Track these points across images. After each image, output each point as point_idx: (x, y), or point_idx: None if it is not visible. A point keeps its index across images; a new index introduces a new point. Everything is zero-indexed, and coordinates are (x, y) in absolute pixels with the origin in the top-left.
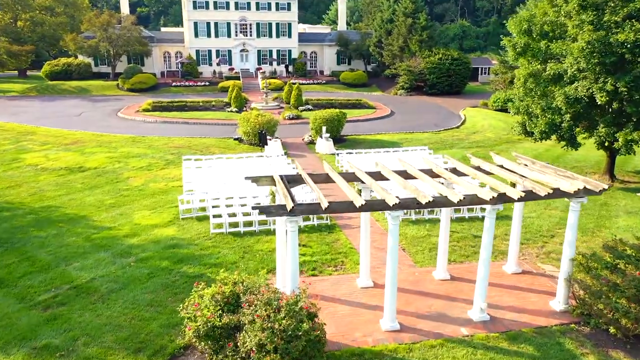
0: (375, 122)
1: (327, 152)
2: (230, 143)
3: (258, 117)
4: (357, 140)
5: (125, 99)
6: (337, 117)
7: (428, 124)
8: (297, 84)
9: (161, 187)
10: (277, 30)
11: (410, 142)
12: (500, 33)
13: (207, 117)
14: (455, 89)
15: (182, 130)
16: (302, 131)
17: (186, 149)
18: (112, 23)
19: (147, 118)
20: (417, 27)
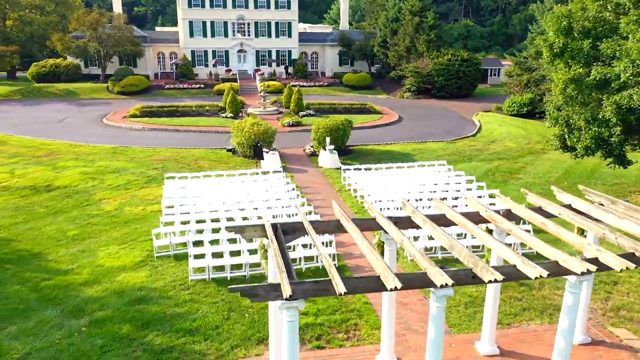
0: (383, 130)
1: (331, 166)
2: (222, 155)
3: (253, 127)
4: (364, 151)
5: (114, 103)
6: (342, 126)
7: (440, 131)
8: (297, 87)
9: (137, 212)
10: (277, 30)
11: (423, 153)
12: (505, 33)
13: (200, 123)
14: (464, 91)
15: (170, 139)
16: (302, 140)
17: (172, 163)
18: (102, 22)
19: (134, 125)
20: (424, 26)
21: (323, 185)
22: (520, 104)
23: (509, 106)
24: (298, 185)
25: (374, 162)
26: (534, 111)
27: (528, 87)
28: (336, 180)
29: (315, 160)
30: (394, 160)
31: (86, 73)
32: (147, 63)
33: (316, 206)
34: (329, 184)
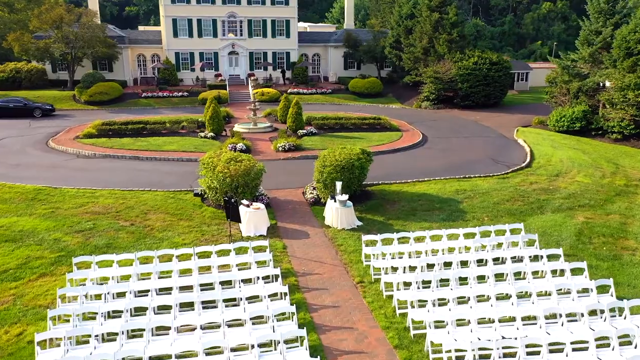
0: (407, 155)
1: (344, 226)
2: (187, 203)
3: (229, 165)
4: (388, 195)
5: (77, 116)
6: (358, 162)
7: (481, 157)
8: (295, 99)
9: (5, 342)
10: (273, 29)
11: (472, 198)
12: (516, 33)
13: (169, 147)
14: (493, 100)
15: (123, 173)
16: (302, 174)
17: (109, 220)
18: (68, 19)
19: (84, 149)
20: (445, 24)
21: (333, 270)
22: (572, 118)
23: (557, 121)
24: (292, 270)
25: (407, 216)
26: (589, 127)
27: (577, 97)
28: (353, 256)
29: (320, 214)
30: (434, 210)
31: (54, 79)
32: (125, 67)
33: (327, 328)
34: (342, 266)
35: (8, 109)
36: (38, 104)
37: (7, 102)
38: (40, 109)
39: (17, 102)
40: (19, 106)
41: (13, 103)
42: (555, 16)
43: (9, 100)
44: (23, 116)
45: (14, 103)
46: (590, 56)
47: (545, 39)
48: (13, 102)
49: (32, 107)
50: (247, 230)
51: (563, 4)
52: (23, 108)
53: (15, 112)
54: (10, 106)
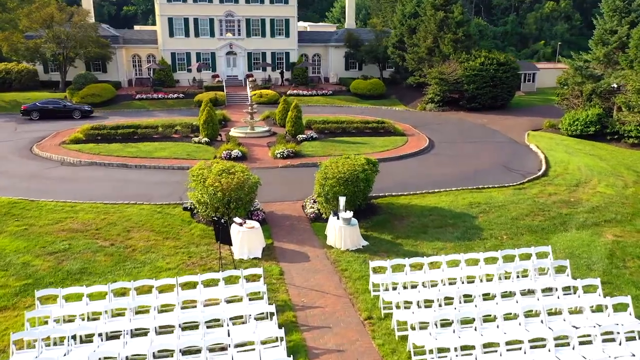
0: (414, 162)
1: (348, 246)
2: (175, 218)
3: (221, 177)
4: (396, 209)
5: (67, 119)
6: (363, 174)
7: (493, 165)
8: (295, 102)
9: None
10: (272, 29)
11: (488, 212)
12: (519, 33)
13: (160, 154)
14: (500, 102)
15: (110, 183)
16: (301, 183)
17: (87, 239)
18: (59, 19)
19: (69, 156)
20: (450, 23)
21: (337, 303)
22: (586, 122)
23: (570, 124)
24: (290, 303)
25: (417, 233)
26: (604, 131)
27: (590, 100)
28: (360, 284)
29: (321, 231)
30: (447, 227)
31: (45, 80)
32: (119, 68)
33: None
34: (347, 297)
35: (47, 110)
36: (77, 106)
37: (47, 103)
38: (79, 110)
39: (57, 103)
40: (58, 108)
41: (52, 105)
42: (559, 16)
43: (48, 102)
44: (62, 118)
45: (53, 105)
46: (605, 56)
47: (548, 39)
48: (52, 104)
49: (72, 109)
50: (239, 252)
51: (566, 4)
52: (62, 109)
53: (54, 113)
54: (49, 108)
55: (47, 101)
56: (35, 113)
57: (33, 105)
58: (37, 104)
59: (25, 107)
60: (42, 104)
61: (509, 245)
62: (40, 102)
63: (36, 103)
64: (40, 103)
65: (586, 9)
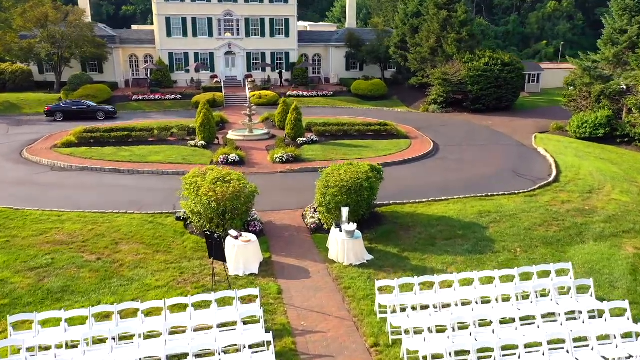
0: (418, 167)
1: (352, 261)
2: (167, 230)
3: (216, 186)
4: (401, 218)
5: (61, 121)
6: (367, 183)
7: (501, 170)
8: (294, 104)
9: None
10: (272, 28)
11: (499, 222)
12: (520, 32)
13: (154, 158)
14: (505, 103)
15: (100, 189)
16: (301, 189)
17: (72, 253)
18: (54, 18)
19: (60, 161)
20: (453, 22)
21: (340, 326)
22: (595, 124)
23: (579, 127)
24: (289, 327)
25: (425, 246)
26: (614, 134)
27: (599, 101)
28: (365, 305)
29: (323, 244)
30: (456, 239)
31: (41, 81)
32: (116, 68)
33: None
34: (351, 320)
35: (72, 111)
36: (101, 107)
37: (71, 104)
38: (103, 111)
39: (81, 104)
40: (82, 109)
41: (76, 106)
42: (561, 15)
43: (72, 103)
44: (86, 119)
45: (78, 106)
46: (615, 57)
47: (550, 39)
48: (76, 105)
49: (95, 110)
50: (235, 268)
51: (568, 3)
52: (86, 110)
53: (78, 114)
54: (73, 109)
55: (71, 102)
56: (59, 114)
57: (57, 106)
58: (61, 105)
59: (48, 108)
60: (66, 105)
61: (524, 259)
62: (64, 103)
63: (60, 104)
64: (64, 104)
65: (588, 9)
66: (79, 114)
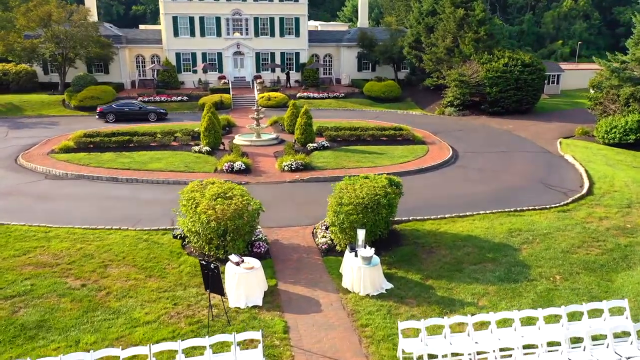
0: (437, 177)
1: (368, 291)
2: (162, 250)
3: (215, 203)
4: (422, 236)
5: (63, 124)
6: (385, 199)
7: (528, 180)
8: (305, 108)
9: None
10: (281, 28)
11: (531, 241)
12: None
13: (155, 165)
14: (524, 106)
15: (94, 201)
16: (312, 202)
17: (52, 280)
18: (58, 17)
19: (56, 168)
20: (471, 21)
21: None
22: (625, 129)
23: (607, 132)
24: None
25: (451, 272)
26: None
27: (628, 105)
28: (385, 349)
29: (335, 268)
30: (486, 263)
31: (45, 81)
32: (122, 69)
33: None
34: None
35: (124, 113)
36: (152, 108)
37: (123, 105)
38: (155, 112)
39: (133, 105)
40: (134, 110)
41: (128, 107)
42: (577, 14)
43: (124, 104)
44: (138, 120)
45: (129, 107)
46: None
47: (566, 39)
48: (128, 106)
49: (147, 111)
50: (235, 299)
51: (585, 2)
52: (138, 112)
53: (130, 115)
54: (125, 110)
55: (123, 103)
56: (111, 115)
57: (109, 108)
58: (113, 106)
59: (101, 109)
60: (118, 106)
61: (565, 289)
62: (116, 104)
63: (112, 105)
64: (116, 105)
65: (605, 8)
66: (131, 115)
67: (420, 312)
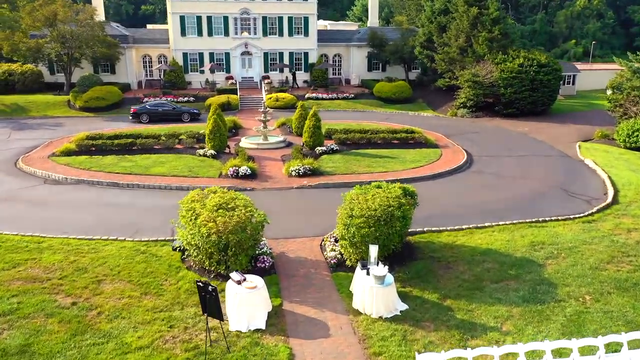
0: (451, 183)
1: (382, 313)
2: (160, 264)
3: (217, 215)
4: (437, 249)
5: (67, 125)
6: (399, 211)
7: (549, 187)
8: (313, 110)
9: None
10: (290, 27)
11: (555, 256)
12: (547, 32)
13: (158, 170)
14: (540, 107)
15: (93, 208)
16: (320, 210)
17: (41, 297)
18: (63, 17)
19: (55, 172)
20: (484, 20)
21: None
22: None
23: (629, 135)
24: None
25: (470, 291)
26: None
27: None
28: None
29: (345, 285)
30: (508, 281)
31: (51, 82)
32: (128, 69)
33: None
34: None
35: (158, 113)
36: (186, 109)
37: (156, 106)
38: (188, 113)
39: (166, 106)
40: (167, 110)
41: (162, 107)
42: (590, 14)
43: (158, 105)
44: (171, 120)
45: (163, 107)
46: None
47: (579, 38)
48: (162, 107)
49: (181, 112)
50: (236, 321)
51: (599, 1)
52: (172, 112)
53: (164, 116)
54: (159, 110)
55: (157, 104)
56: (145, 116)
57: (143, 108)
58: (147, 107)
59: (134, 110)
60: (152, 107)
61: (597, 311)
62: (149, 105)
63: (146, 105)
64: (149, 105)
65: (619, 7)
66: (165, 116)
67: (438, 338)
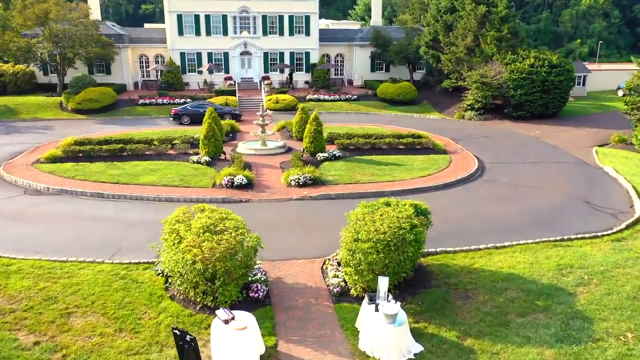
0: (463, 194)
1: (394, 357)
2: (140, 292)
3: (203, 239)
4: (453, 274)
5: (57, 128)
6: (411, 235)
7: (569, 198)
8: (315, 114)
9: None
10: (291, 26)
11: (587, 283)
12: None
13: (147, 178)
14: (551, 110)
15: (72, 223)
16: (321, 226)
17: (1, 334)
18: (55, 15)
19: (38, 181)
20: (493, 19)
21: None
22: None
23: None
24: None
25: (494, 327)
26: None
27: None
28: None
29: (350, 320)
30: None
31: (44, 83)
32: (124, 69)
33: None
34: None
35: (198, 114)
36: (228, 109)
37: (198, 107)
38: (230, 114)
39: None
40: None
41: (203, 109)
42: (596, 13)
43: (199, 106)
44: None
45: (204, 109)
46: None
47: (584, 38)
48: (203, 108)
49: (222, 113)
50: None
51: (605, 0)
52: None
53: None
54: (200, 111)
55: (198, 105)
56: (186, 117)
57: (184, 109)
58: (188, 108)
59: (175, 111)
60: (193, 108)
61: None
62: (191, 106)
63: (187, 106)
64: (191, 107)
65: (625, 6)
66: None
67: None
